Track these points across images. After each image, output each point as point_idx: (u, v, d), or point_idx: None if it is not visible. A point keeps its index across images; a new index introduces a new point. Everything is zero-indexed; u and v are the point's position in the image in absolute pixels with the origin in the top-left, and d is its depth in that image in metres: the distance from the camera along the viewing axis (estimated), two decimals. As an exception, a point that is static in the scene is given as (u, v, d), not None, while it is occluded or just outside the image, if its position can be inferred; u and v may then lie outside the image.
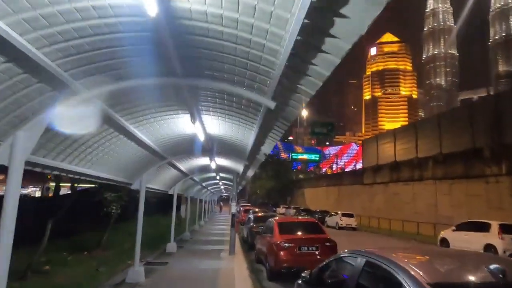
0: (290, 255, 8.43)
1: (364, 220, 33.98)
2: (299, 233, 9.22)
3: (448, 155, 25.06)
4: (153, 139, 6.93)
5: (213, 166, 11.24)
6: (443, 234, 17.51)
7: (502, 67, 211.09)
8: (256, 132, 5.96)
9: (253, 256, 12.75)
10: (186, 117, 6.07)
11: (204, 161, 11.07)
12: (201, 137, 6.93)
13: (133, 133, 5.97)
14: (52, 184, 26.38)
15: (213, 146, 8.29)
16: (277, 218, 10.80)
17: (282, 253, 8.49)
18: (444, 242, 16.90)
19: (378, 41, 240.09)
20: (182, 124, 6.62)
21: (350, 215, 29.54)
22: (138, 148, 7.04)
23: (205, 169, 12.91)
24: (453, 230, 16.61)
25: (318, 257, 8.51)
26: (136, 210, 8.38)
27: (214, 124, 6.81)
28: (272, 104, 4.27)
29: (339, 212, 30.29)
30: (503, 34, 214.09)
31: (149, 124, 6.29)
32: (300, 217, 10.42)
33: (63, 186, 26.47)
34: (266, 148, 7.53)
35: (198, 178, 16.51)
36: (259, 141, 6.72)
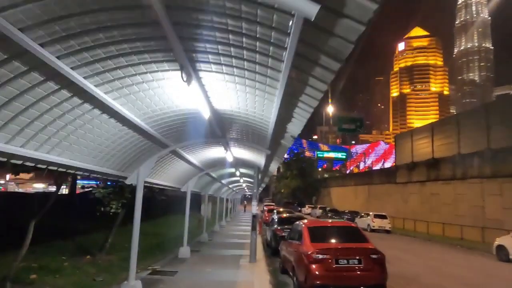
0: (324, 270, 6.56)
1: (398, 222, 31.29)
2: (336, 241, 7.32)
3: (499, 151, 22.11)
4: (143, 116, 5.37)
5: (229, 158, 9.59)
6: (499, 240, 14.92)
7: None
8: (280, 99, 4.22)
9: (277, 263, 10.95)
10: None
11: (218, 152, 9.44)
12: (206, 112, 5.25)
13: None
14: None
15: (223, 126, 6.66)
16: (306, 221, 8.91)
17: (314, 266, 6.63)
18: (502, 250, 14.34)
19: (406, 36, 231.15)
20: (176, 91, 4.90)
21: (383, 217, 27.08)
22: (128, 131, 5.57)
23: (221, 162, 11.27)
24: (513, 237, 14.05)
25: (362, 273, 6.59)
26: (150, 209, 6.91)
27: (219, 87, 4.95)
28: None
29: (370, 213, 27.87)
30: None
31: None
32: (334, 220, 8.41)
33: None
34: (294, 128, 5.87)
35: (216, 174, 14.89)
36: (284, 114, 5.13)
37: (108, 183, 9.51)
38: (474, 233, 22.81)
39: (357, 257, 6.67)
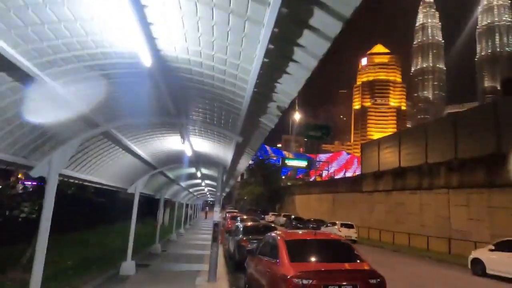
0: (310, 301, 4.86)
1: (363, 232, 30.61)
2: (323, 260, 5.64)
3: (466, 161, 21.96)
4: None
5: (188, 151, 7.72)
6: (475, 254, 14.16)
7: (488, 83, 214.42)
8: (270, 30, 2.57)
9: (242, 282, 9.14)
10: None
11: (174, 143, 7.53)
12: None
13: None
14: None
15: (176, 94, 4.81)
16: (280, 232, 7.17)
17: (296, 295, 4.91)
18: (478, 264, 13.55)
19: (369, 52, 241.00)
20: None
21: (350, 226, 26.19)
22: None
23: (178, 158, 9.28)
24: (491, 250, 13.28)
25: (358, 303, 4.97)
26: (93, 215, 5.15)
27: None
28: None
29: (337, 222, 26.87)
30: (489, 51, 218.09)
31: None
32: (318, 232, 6.63)
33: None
34: (285, 92, 4.28)
35: (173, 175, 12.80)
36: (272, 62, 3.57)
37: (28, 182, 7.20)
38: (440, 244, 22.41)
39: (352, 282, 5.04)
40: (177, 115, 5.18)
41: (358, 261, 5.65)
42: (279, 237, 6.34)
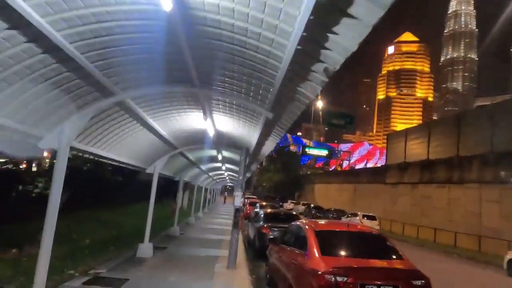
0: (344, 301, 4.27)
1: (385, 224, 29.62)
2: (359, 255, 5.00)
3: (502, 155, 20.50)
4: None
5: (210, 130, 7.17)
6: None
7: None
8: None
9: (262, 271, 8.69)
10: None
11: (196, 120, 7.00)
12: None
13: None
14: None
15: (200, 58, 4.19)
16: (308, 221, 6.56)
17: (329, 294, 4.33)
18: (516, 265, 12.56)
19: (396, 40, 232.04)
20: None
21: (373, 218, 25.37)
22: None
23: (199, 138, 8.78)
24: (532, 251, 12.25)
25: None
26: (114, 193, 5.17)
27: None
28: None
29: (359, 213, 26.05)
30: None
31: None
32: (351, 223, 5.89)
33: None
34: (337, 51, 3.39)
35: (193, 157, 12.38)
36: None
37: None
38: (469, 241, 21.26)
39: (393, 283, 4.41)
40: (200, 84, 4.60)
41: (399, 258, 5.00)
42: (307, 226, 5.75)
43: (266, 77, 4.28)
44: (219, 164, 16.63)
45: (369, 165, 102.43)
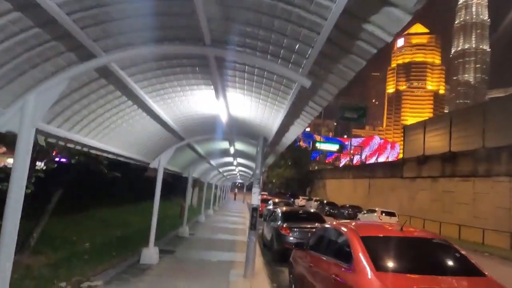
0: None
1: (403, 220, 28.08)
2: (423, 270, 3.71)
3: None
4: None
5: (223, 114, 6.00)
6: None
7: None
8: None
9: (283, 278, 7.56)
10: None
11: (205, 102, 5.80)
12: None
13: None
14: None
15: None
16: (348, 223, 5.31)
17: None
18: None
19: (405, 32, 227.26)
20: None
21: (392, 214, 23.98)
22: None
23: (209, 126, 7.59)
24: None
25: None
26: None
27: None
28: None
29: (377, 209, 24.69)
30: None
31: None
32: (407, 228, 4.53)
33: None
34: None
35: (202, 150, 11.22)
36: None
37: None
38: (498, 238, 19.79)
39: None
40: (213, 43, 3.38)
41: (479, 275, 3.73)
42: (349, 230, 4.52)
43: (305, 30, 3.06)
44: (230, 159, 15.46)
45: (381, 159, 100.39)
